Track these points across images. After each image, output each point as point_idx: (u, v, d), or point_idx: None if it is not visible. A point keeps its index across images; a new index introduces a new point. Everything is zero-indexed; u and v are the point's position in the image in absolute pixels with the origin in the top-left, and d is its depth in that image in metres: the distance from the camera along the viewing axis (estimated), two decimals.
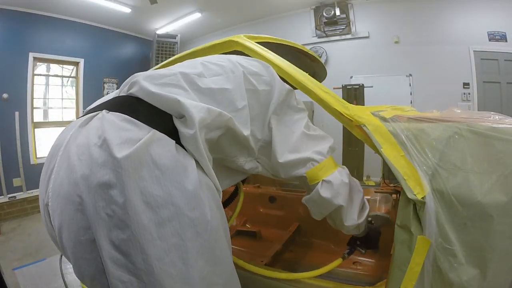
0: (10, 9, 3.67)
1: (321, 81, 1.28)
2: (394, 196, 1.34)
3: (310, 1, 4.27)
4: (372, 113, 0.93)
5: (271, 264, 1.37)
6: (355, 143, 3.46)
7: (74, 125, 0.63)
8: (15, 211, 3.58)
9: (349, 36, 4.21)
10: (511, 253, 0.72)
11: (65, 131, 0.66)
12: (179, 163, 0.56)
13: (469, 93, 3.60)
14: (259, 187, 2.04)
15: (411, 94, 3.84)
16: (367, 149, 0.95)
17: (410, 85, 3.85)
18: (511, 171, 0.72)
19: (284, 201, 1.85)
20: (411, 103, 3.82)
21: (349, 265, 1.40)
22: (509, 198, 0.70)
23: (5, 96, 3.65)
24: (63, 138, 0.62)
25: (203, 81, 0.70)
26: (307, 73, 1.04)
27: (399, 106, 1.40)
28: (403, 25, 3.88)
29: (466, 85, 3.61)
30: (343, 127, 0.94)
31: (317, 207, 0.88)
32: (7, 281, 1.58)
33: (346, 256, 1.06)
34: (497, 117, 0.96)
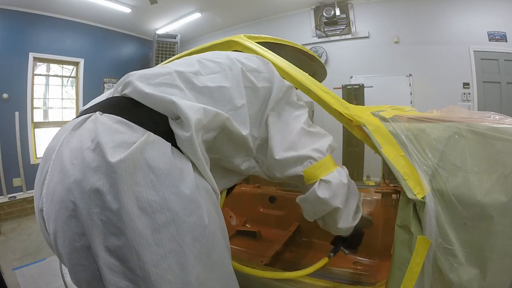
0: (10, 9, 3.67)
1: (321, 81, 1.28)
2: (394, 196, 1.34)
3: (310, 1, 4.27)
4: (372, 113, 0.93)
5: (271, 264, 1.37)
6: (355, 143, 3.46)
7: (67, 127, 0.61)
8: (15, 211, 3.58)
9: (349, 36, 4.21)
10: (511, 253, 0.72)
11: (59, 133, 0.63)
12: (174, 166, 0.54)
13: (469, 93, 3.60)
14: (259, 187, 2.04)
15: (411, 94, 3.84)
16: (367, 149, 0.95)
17: (410, 85, 3.85)
18: (511, 171, 0.72)
19: (284, 201, 1.85)
20: (411, 103, 3.82)
21: (349, 265, 1.40)
22: (509, 198, 0.70)
23: (5, 96, 3.65)
24: (56, 141, 0.59)
25: (200, 80, 0.68)
26: (307, 73, 1.04)
27: (399, 106, 1.40)
28: (403, 25, 3.88)
29: (466, 85, 3.61)
30: (343, 127, 0.94)
31: (312, 207, 0.85)
32: (7, 281, 1.58)
33: (331, 255, 1.06)
34: (497, 117, 0.96)
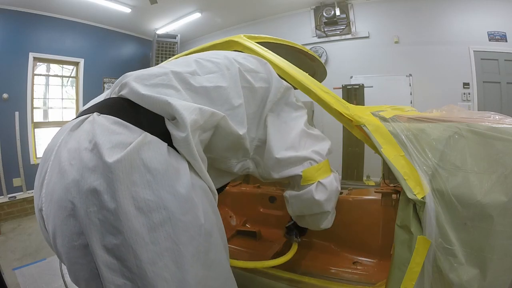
0: (10, 9, 3.67)
1: (321, 81, 1.28)
2: (394, 196, 1.34)
3: (310, 1, 4.27)
4: (372, 113, 0.93)
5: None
6: (355, 143, 3.46)
7: (66, 128, 0.62)
8: (15, 211, 3.58)
9: (349, 36, 4.21)
10: (511, 253, 0.72)
11: (57, 134, 0.64)
12: (170, 166, 0.55)
13: (469, 93, 3.60)
14: (259, 187, 2.04)
15: (411, 94, 3.84)
16: (367, 149, 0.95)
17: (410, 85, 3.85)
18: (511, 171, 0.72)
19: (284, 201, 1.85)
20: (411, 103, 3.82)
21: (349, 265, 1.40)
22: (509, 198, 0.70)
23: (5, 96, 3.65)
24: (55, 142, 0.61)
25: (197, 80, 0.68)
26: (307, 73, 1.04)
27: (399, 106, 1.40)
28: (403, 25, 3.88)
29: (466, 85, 3.61)
30: (343, 127, 0.94)
31: (302, 206, 0.87)
32: (7, 281, 1.58)
33: (298, 240, 1.18)
34: (497, 117, 0.96)
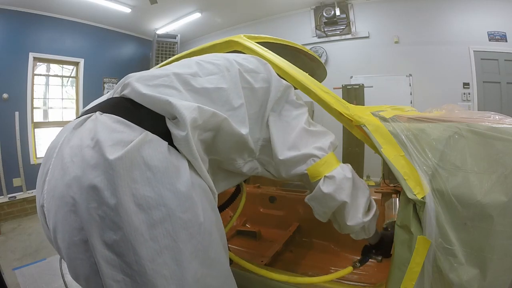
0: (10, 9, 3.67)
1: (321, 81, 1.28)
2: (394, 196, 1.34)
3: (310, 1, 4.27)
4: (372, 113, 0.93)
5: (271, 264, 1.37)
6: (355, 143, 3.46)
7: (69, 126, 0.63)
8: (15, 211, 3.58)
9: (349, 36, 4.21)
10: (511, 253, 0.72)
11: (60, 133, 0.66)
12: (171, 164, 0.55)
13: (469, 93, 3.60)
14: (259, 187, 2.04)
15: (411, 94, 3.84)
16: (367, 149, 0.95)
17: (410, 85, 3.85)
18: (511, 171, 0.72)
19: (284, 201, 1.85)
20: (411, 103, 3.82)
21: (349, 265, 1.40)
22: (509, 198, 0.70)
23: (5, 96, 3.65)
24: (58, 140, 0.62)
25: (198, 81, 0.69)
26: (307, 73, 1.04)
27: (399, 106, 1.40)
28: (403, 25, 3.88)
29: (466, 85, 3.61)
30: (343, 127, 0.94)
31: (320, 205, 0.84)
32: (7, 281, 1.58)
33: (357, 265, 0.99)
34: (497, 117, 0.96)
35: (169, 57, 3.05)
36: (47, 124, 4.24)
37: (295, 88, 0.99)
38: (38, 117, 4.14)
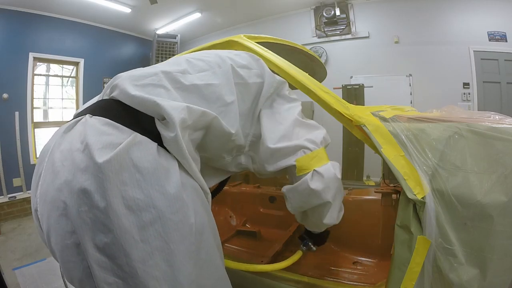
0: (10, 9, 3.67)
1: (321, 81, 1.28)
2: (394, 196, 1.34)
3: (310, 1, 4.27)
4: (372, 113, 0.93)
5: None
6: (355, 143, 3.46)
7: (60, 130, 0.63)
8: (15, 211, 3.57)
9: (349, 36, 4.21)
10: (511, 253, 0.72)
11: (53, 137, 0.66)
12: (160, 166, 0.55)
13: (469, 93, 3.60)
14: (259, 187, 2.04)
15: (411, 94, 3.84)
16: (367, 149, 0.95)
17: (410, 85, 3.85)
18: (511, 171, 0.72)
19: (284, 201, 1.85)
20: (411, 103, 3.82)
21: (349, 265, 1.40)
22: (509, 198, 0.70)
23: (5, 96, 3.65)
24: (50, 144, 0.62)
25: (187, 78, 0.69)
26: (307, 73, 1.04)
27: (399, 106, 1.40)
28: (403, 25, 3.88)
29: (466, 85, 3.61)
30: (343, 127, 0.94)
31: (300, 199, 0.82)
32: (7, 281, 1.58)
33: (304, 249, 1.14)
34: (497, 117, 0.96)
35: (169, 57, 3.05)
36: (47, 124, 4.23)
37: (295, 88, 0.99)
38: (38, 117, 4.14)
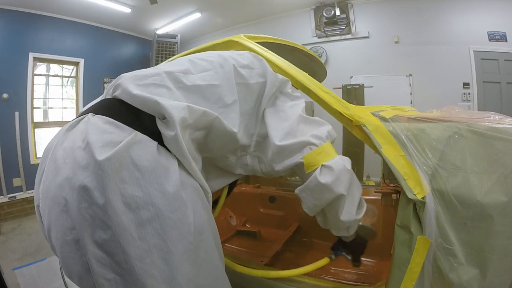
0: (10, 9, 3.67)
1: (321, 81, 1.28)
2: (394, 196, 1.34)
3: (310, 1, 4.27)
4: (372, 113, 0.93)
5: (271, 264, 1.37)
6: (355, 143, 3.46)
7: (63, 129, 0.65)
8: (15, 211, 3.58)
9: (349, 36, 4.21)
10: (511, 253, 0.72)
11: (56, 135, 0.67)
12: (160, 164, 0.56)
13: (469, 93, 3.60)
14: (259, 187, 2.04)
15: (411, 94, 3.84)
16: (367, 149, 0.94)
17: (410, 85, 3.85)
18: (511, 171, 0.72)
19: (284, 201, 1.85)
20: (411, 103, 3.82)
21: (349, 265, 1.40)
22: (509, 198, 0.70)
23: (5, 96, 3.65)
24: (53, 142, 0.63)
25: (190, 78, 0.69)
26: (307, 73, 1.04)
27: (399, 106, 1.40)
28: (403, 25, 3.88)
29: (466, 85, 3.61)
30: (343, 127, 0.94)
31: (313, 197, 0.78)
32: (7, 281, 1.58)
33: (333, 257, 1.01)
34: (497, 117, 0.96)
35: (169, 57, 3.05)
36: (47, 124, 4.23)
37: (295, 88, 0.99)
38: (38, 117, 4.14)
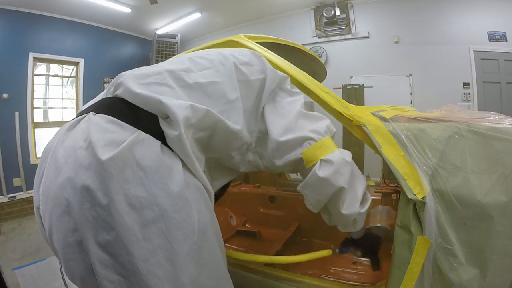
0: (10, 9, 3.67)
1: (321, 81, 1.28)
2: (394, 196, 1.34)
3: (310, 1, 4.27)
4: (372, 113, 0.93)
5: (271, 264, 1.37)
6: (355, 143, 3.46)
7: (63, 128, 0.63)
8: (15, 211, 3.58)
9: (349, 36, 4.21)
10: (511, 253, 0.72)
11: (56, 134, 0.66)
12: (163, 164, 0.55)
13: (469, 93, 3.60)
14: (259, 187, 2.04)
15: (411, 94, 3.84)
16: (367, 149, 0.94)
17: (410, 85, 3.85)
18: (511, 171, 0.72)
19: (284, 201, 1.85)
20: (411, 103, 3.82)
21: (349, 265, 1.40)
22: (509, 198, 0.70)
23: (5, 96, 3.64)
24: (53, 142, 0.62)
25: (191, 76, 0.69)
26: (307, 73, 1.04)
27: (399, 106, 1.40)
28: (403, 25, 3.88)
29: (466, 85, 3.61)
30: (343, 127, 0.94)
31: (314, 192, 0.78)
32: (7, 281, 1.58)
33: (336, 251, 0.99)
34: (497, 117, 0.96)
35: (169, 57, 3.05)
36: (47, 124, 4.23)
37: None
38: (38, 117, 4.14)
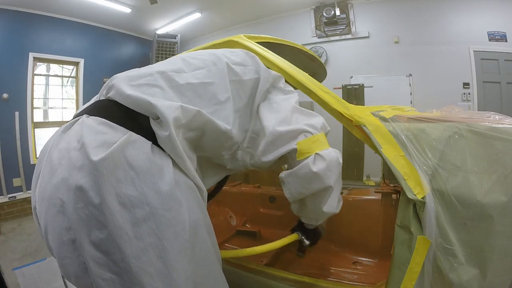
0: (10, 9, 3.67)
1: (321, 81, 1.28)
2: (394, 196, 1.34)
3: (310, 1, 4.27)
4: (372, 113, 0.93)
5: (271, 264, 1.37)
6: (355, 143, 3.47)
7: (59, 131, 0.65)
8: (15, 211, 3.58)
9: (349, 36, 4.21)
10: (511, 253, 0.72)
11: (52, 137, 0.68)
12: (154, 164, 0.56)
13: (469, 93, 3.60)
14: (259, 187, 2.04)
15: (411, 94, 3.84)
16: (367, 149, 0.94)
17: (410, 85, 3.85)
18: (511, 171, 0.72)
19: (284, 201, 1.83)
20: (411, 103, 3.82)
21: (349, 265, 1.40)
22: (509, 198, 0.70)
23: (5, 96, 3.65)
24: (49, 144, 0.64)
25: (182, 77, 0.70)
26: (307, 73, 1.04)
27: (399, 106, 1.40)
28: (403, 25, 3.88)
29: (466, 85, 3.61)
30: (343, 127, 0.94)
31: (300, 184, 0.78)
32: (7, 281, 1.58)
33: (300, 235, 1.07)
34: (497, 117, 0.96)
35: (169, 57, 3.04)
36: (47, 124, 4.23)
37: (295, 88, 0.99)
38: (38, 117, 4.14)
